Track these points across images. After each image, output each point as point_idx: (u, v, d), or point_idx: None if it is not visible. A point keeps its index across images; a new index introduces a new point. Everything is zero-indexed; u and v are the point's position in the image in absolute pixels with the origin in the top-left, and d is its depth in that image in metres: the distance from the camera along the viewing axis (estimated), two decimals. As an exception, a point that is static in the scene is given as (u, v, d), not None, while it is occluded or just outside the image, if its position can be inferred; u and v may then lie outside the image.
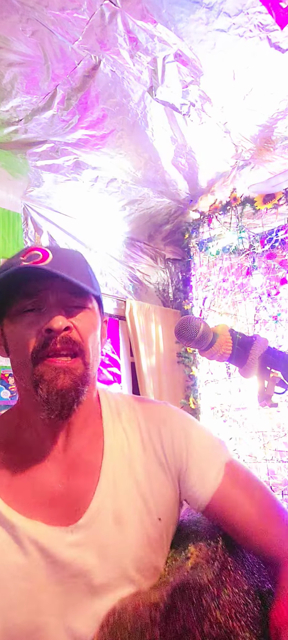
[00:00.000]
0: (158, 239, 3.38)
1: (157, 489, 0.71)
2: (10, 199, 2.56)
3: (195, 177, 2.59)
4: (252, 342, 0.73)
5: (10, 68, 1.69)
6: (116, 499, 0.68)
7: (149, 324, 3.16)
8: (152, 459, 0.73)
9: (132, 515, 0.68)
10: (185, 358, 2.95)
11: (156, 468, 0.72)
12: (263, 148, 2.32)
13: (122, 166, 2.40)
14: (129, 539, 0.67)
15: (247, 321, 2.67)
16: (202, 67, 1.78)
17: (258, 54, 1.72)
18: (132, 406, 0.78)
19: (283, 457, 2.44)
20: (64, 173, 2.41)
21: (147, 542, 0.68)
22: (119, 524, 0.67)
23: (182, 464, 0.73)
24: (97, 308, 0.73)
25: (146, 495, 0.70)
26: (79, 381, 0.64)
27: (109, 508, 0.67)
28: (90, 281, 0.70)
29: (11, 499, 0.65)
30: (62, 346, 0.63)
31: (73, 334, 0.64)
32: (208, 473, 0.72)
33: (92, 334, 0.68)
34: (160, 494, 0.71)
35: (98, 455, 0.71)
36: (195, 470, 0.73)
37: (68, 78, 1.77)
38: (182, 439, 0.74)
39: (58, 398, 0.62)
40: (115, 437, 0.73)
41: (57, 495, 0.66)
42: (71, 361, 0.64)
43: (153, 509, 0.70)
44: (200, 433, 0.77)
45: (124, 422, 0.75)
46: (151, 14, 1.53)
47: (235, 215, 2.74)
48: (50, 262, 0.64)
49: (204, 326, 0.75)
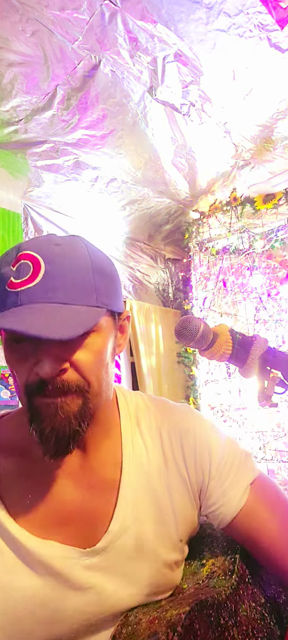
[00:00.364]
0: (158, 239, 3.38)
1: (179, 508, 0.66)
2: (10, 199, 2.56)
3: (195, 177, 2.58)
4: (252, 342, 0.73)
5: (10, 68, 1.69)
6: (136, 521, 0.63)
7: (149, 324, 3.16)
8: (174, 475, 0.67)
9: (152, 539, 0.63)
10: (185, 358, 2.95)
11: (178, 485, 0.67)
12: (263, 148, 2.32)
13: (122, 166, 2.40)
14: (148, 563, 0.63)
15: (247, 321, 2.67)
16: (202, 67, 1.78)
17: (258, 54, 1.72)
18: (152, 412, 0.72)
19: (283, 457, 2.44)
20: (64, 173, 2.41)
21: (167, 565, 0.65)
22: (139, 549, 0.62)
23: (204, 480, 0.68)
24: (111, 318, 0.61)
25: (168, 517, 0.66)
26: (75, 417, 0.55)
27: (129, 531, 0.62)
28: (95, 293, 0.56)
29: (23, 517, 0.59)
30: (55, 390, 0.54)
31: (68, 375, 0.54)
32: (231, 493, 0.67)
33: (97, 361, 0.58)
34: (182, 513, 0.67)
35: (116, 470, 0.65)
36: (218, 488, 0.67)
37: (68, 78, 1.77)
38: (205, 454, 0.68)
39: (51, 437, 0.55)
40: (134, 450, 0.67)
41: (73, 514, 0.61)
42: (68, 398, 0.55)
43: (174, 530, 0.66)
44: (224, 446, 0.70)
45: (144, 432, 0.69)
46: (151, 14, 1.53)
47: (235, 215, 2.74)
48: (41, 280, 0.52)
49: (204, 326, 0.74)
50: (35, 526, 0.59)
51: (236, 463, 0.69)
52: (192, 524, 0.69)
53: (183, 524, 0.67)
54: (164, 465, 0.67)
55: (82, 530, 0.61)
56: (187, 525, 0.68)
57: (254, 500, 0.67)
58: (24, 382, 0.55)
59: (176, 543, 0.66)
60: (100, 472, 0.64)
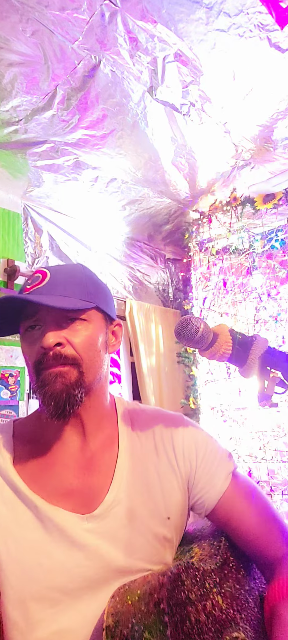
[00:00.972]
0: (158, 239, 3.38)
1: (167, 490, 0.77)
2: (10, 199, 2.56)
3: (195, 177, 2.59)
4: (252, 342, 0.73)
5: (10, 68, 1.69)
6: (129, 496, 0.74)
7: (149, 324, 3.16)
8: (164, 462, 0.79)
9: (143, 512, 0.74)
10: (185, 358, 2.95)
11: (167, 471, 0.79)
12: (263, 148, 2.32)
13: (122, 166, 2.40)
14: (139, 533, 0.73)
15: (247, 321, 2.67)
16: (202, 67, 1.78)
17: (258, 54, 1.72)
18: (147, 415, 0.86)
19: (283, 457, 2.44)
20: (64, 173, 2.41)
21: (156, 538, 0.74)
22: (130, 519, 0.73)
23: (192, 470, 0.80)
24: (100, 316, 0.79)
25: (157, 495, 0.76)
26: (72, 385, 0.71)
27: (122, 503, 0.73)
28: (86, 293, 0.76)
29: (35, 486, 0.72)
30: (54, 361, 0.70)
31: (65, 349, 0.71)
32: (215, 479, 0.79)
33: (88, 343, 0.74)
34: (170, 495, 0.77)
35: (113, 456, 0.78)
36: (203, 476, 0.79)
37: (68, 78, 1.77)
38: (193, 446, 0.81)
39: (51, 400, 0.70)
40: (129, 442, 0.80)
41: (75, 489, 0.73)
42: (66, 368, 0.71)
43: (163, 508, 0.76)
44: (209, 443, 0.84)
45: (139, 429, 0.83)
46: (151, 14, 1.53)
47: (235, 215, 2.74)
48: (47, 282, 0.73)
49: (204, 326, 0.74)
50: (46, 494, 0.71)
51: (218, 456, 0.82)
52: (179, 506, 0.79)
53: (171, 505, 0.77)
54: (155, 454, 0.80)
55: (83, 500, 0.73)
56: (175, 507, 0.78)
57: (234, 488, 0.79)
58: (33, 362, 0.72)
59: (164, 519, 0.76)
60: (98, 456, 0.77)
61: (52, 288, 0.72)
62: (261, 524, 0.77)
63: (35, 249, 2.64)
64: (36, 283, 0.73)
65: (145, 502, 0.75)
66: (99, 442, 0.79)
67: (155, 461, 0.79)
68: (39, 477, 0.73)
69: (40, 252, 2.66)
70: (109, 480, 0.75)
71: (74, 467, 0.76)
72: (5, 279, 2.43)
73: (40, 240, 2.68)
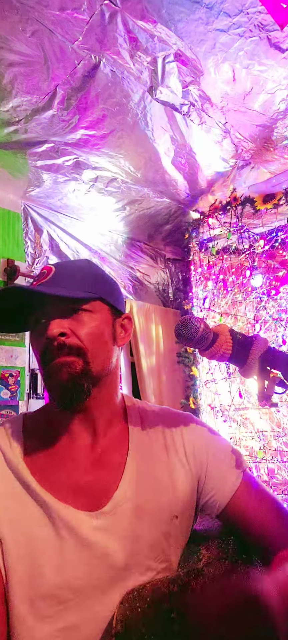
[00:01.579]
0: (158, 239, 3.38)
1: (176, 488, 0.77)
2: (10, 199, 2.56)
3: (195, 177, 2.59)
4: (252, 342, 0.73)
5: (10, 68, 1.69)
6: (138, 493, 0.74)
7: (149, 324, 3.16)
8: (174, 460, 0.79)
9: (151, 510, 0.74)
10: (185, 358, 2.95)
11: (177, 469, 0.79)
12: (263, 148, 2.32)
13: (122, 166, 2.40)
14: (147, 530, 0.73)
15: (247, 321, 2.67)
16: (202, 67, 1.78)
17: (258, 54, 1.72)
18: (157, 414, 0.86)
19: (283, 457, 2.44)
20: (64, 173, 2.41)
21: (163, 535, 0.74)
22: (139, 516, 0.72)
23: (202, 468, 0.80)
24: (106, 308, 0.79)
25: (166, 493, 0.76)
26: (78, 375, 0.71)
27: (131, 500, 0.73)
28: (91, 285, 0.76)
29: (45, 482, 0.72)
30: (59, 351, 0.71)
31: (69, 340, 0.72)
32: (226, 478, 0.79)
33: (93, 333, 0.74)
34: (179, 494, 0.77)
35: (123, 454, 0.78)
36: (214, 475, 0.79)
37: (68, 78, 1.77)
38: (203, 445, 0.81)
39: (57, 390, 0.71)
40: (139, 440, 0.80)
41: (85, 484, 0.73)
42: (71, 358, 0.71)
43: (171, 507, 0.76)
44: (219, 442, 0.84)
45: (148, 427, 0.83)
46: (151, 14, 1.53)
47: (235, 215, 2.73)
48: (52, 276, 0.74)
49: (204, 326, 0.74)
50: (55, 491, 0.71)
51: (229, 455, 0.82)
52: (187, 505, 0.78)
53: (179, 503, 0.77)
54: (165, 452, 0.80)
55: (92, 497, 0.72)
56: (184, 507, 0.78)
57: (245, 487, 0.79)
58: (40, 353, 0.73)
59: (172, 518, 0.76)
60: (108, 453, 0.77)
61: (56, 281, 0.73)
62: (274, 521, 0.77)
63: (35, 249, 2.64)
64: (42, 278, 0.75)
65: (153, 499, 0.75)
66: (109, 439, 0.79)
67: (165, 459, 0.79)
68: (49, 473, 0.73)
69: (40, 252, 2.66)
70: (119, 477, 0.75)
71: (84, 463, 0.75)
72: (5, 279, 2.43)
73: (40, 240, 2.68)
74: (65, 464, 0.75)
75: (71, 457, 0.76)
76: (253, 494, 0.79)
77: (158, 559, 0.73)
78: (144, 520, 0.73)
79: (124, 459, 0.77)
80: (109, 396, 0.80)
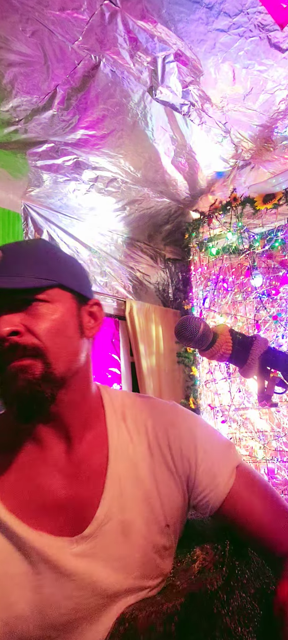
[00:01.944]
0: (158, 239, 3.38)
1: (165, 494, 0.69)
2: (10, 199, 2.56)
3: (195, 177, 2.58)
4: (252, 342, 0.73)
5: (10, 68, 1.69)
6: (123, 507, 0.65)
7: (149, 324, 3.16)
8: (160, 463, 0.70)
9: (139, 524, 0.66)
10: (185, 358, 2.95)
11: (164, 473, 0.70)
12: (263, 148, 2.32)
13: (122, 166, 2.40)
14: (136, 548, 0.65)
15: (247, 321, 2.67)
16: (202, 67, 1.78)
17: (258, 54, 1.72)
18: (138, 406, 0.75)
19: (283, 457, 2.44)
20: (64, 173, 2.41)
21: (154, 549, 0.67)
22: (126, 534, 0.64)
23: (191, 469, 0.71)
24: (68, 296, 0.67)
25: (154, 502, 0.68)
26: (36, 381, 0.60)
27: (116, 517, 0.64)
28: (46, 270, 0.64)
29: (14, 506, 0.62)
30: (12, 354, 0.59)
31: (24, 339, 0.60)
32: (218, 477, 0.71)
33: (53, 327, 0.62)
34: (168, 500, 0.69)
35: (103, 459, 0.68)
36: (205, 475, 0.71)
37: (68, 78, 1.77)
38: (191, 444, 0.72)
39: (13, 400, 0.60)
40: (119, 440, 0.70)
41: (62, 503, 0.64)
42: (27, 361, 0.60)
43: (161, 516, 0.68)
44: (209, 436, 0.76)
45: (130, 423, 0.72)
46: (151, 14, 1.53)
47: (235, 215, 2.73)
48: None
49: (204, 326, 0.74)
50: (26, 515, 0.61)
51: (221, 450, 0.74)
52: (178, 510, 0.71)
53: (169, 510, 0.69)
54: (150, 455, 0.70)
55: (71, 518, 0.63)
56: (174, 512, 0.70)
57: (240, 483, 0.72)
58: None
59: (163, 528, 0.68)
60: (87, 460, 0.67)
61: (3, 269, 0.61)
62: (271, 518, 0.70)
63: (35, 249, 2.64)
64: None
65: (141, 511, 0.66)
66: (86, 444, 0.68)
67: (149, 463, 0.70)
68: (17, 494, 0.62)
69: (40, 252, 2.66)
70: (100, 490, 0.65)
71: (59, 477, 0.65)
72: (5, 279, 2.43)
73: (40, 240, 2.68)
74: (37, 481, 0.64)
75: (43, 472, 0.65)
76: (249, 492, 0.72)
77: (152, 575, 0.66)
78: (132, 537, 0.65)
79: (105, 467, 0.67)
80: (81, 396, 0.69)
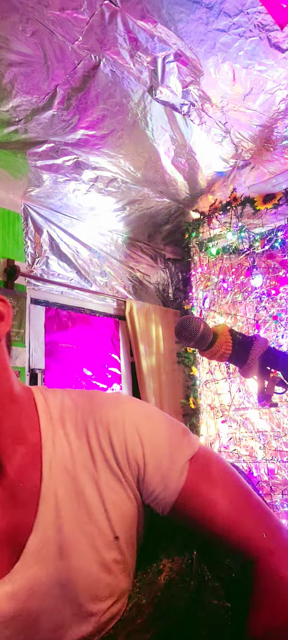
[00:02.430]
0: (158, 239, 3.38)
1: (111, 504, 0.61)
2: (10, 199, 2.56)
3: (195, 177, 2.59)
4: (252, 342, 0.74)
5: (10, 68, 1.69)
6: (60, 528, 0.57)
7: (149, 324, 3.16)
8: (104, 469, 0.61)
9: (80, 543, 0.58)
10: (185, 358, 2.95)
11: (109, 480, 0.61)
12: (263, 148, 2.32)
13: (122, 166, 2.40)
14: (81, 570, 0.57)
15: (247, 321, 2.67)
16: (202, 67, 1.78)
17: (258, 54, 1.72)
18: (79, 408, 0.66)
19: (283, 457, 2.44)
20: (64, 173, 2.41)
21: (102, 568, 0.59)
22: (66, 558, 0.57)
23: (139, 469, 0.62)
24: None
25: (98, 515, 0.60)
26: None
27: (53, 541, 0.57)
28: None
29: None
30: None
31: None
32: (169, 476, 0.62)
33: None
34: (115, 510, 0.61)
35: (36, 476, 0.59)
36: (154, 474, 0.62)
37: (68, 78, 1.77)
38: (137, 442, 0.62)
39: None
40: (55, 450, 0.61)
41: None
42: None
43: (107, 529, 0.60)
44: (158, 429, 0.65)
45: (69, 429, 0.63)
46: (151, 14, 1.53)
47: (235, 215, 2.74)
48: None
49: (204, 326, 0.75)
50: None
51: (171, 440, 0.65)
52: (130, 518, 0.63)
53: (118, 520, 0.61)
54: (91, 462, 0.61)
55: (5, 554, 0.56)
56: (124, 521, 0.62)
57: (195, 480, 0.62)
58: None
59: (111, 542, 0.60)
60: (19, 482, 0.59)
61: None
62: (235, 515, 0.61)
63: (35, 249, 2.64)
64: None
65: (83, 529, 0.58)
66: (18, 461, 0.60)
67: (91, 472, 0.61)
68: None
69: (40, 252, 2.66)
70: (33, 514, 0.57)
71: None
72: (5, 279, 2.43)
73: (40, 240, 2.68)
74: None
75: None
76: (207, 486, 0.63)
77: (103, 596, 0.58)
78: (73, 559, 0.57)
79: (38, 484, 0.59)
80: (10, 418, 0.60)
